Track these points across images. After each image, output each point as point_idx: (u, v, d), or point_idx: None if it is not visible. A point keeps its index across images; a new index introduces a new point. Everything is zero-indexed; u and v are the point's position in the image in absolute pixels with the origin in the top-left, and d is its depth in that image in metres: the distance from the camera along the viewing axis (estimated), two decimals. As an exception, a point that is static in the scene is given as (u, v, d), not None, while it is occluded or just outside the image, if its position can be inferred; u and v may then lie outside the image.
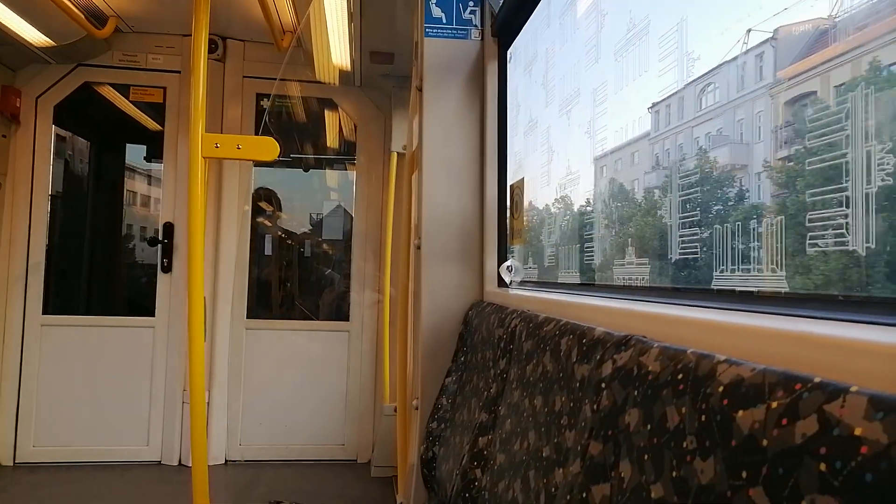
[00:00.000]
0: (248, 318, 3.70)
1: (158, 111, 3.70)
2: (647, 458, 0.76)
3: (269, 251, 4.10)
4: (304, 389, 3.74)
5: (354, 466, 3.68)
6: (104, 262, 4.33)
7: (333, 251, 4.23)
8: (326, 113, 4.07)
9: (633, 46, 1.47)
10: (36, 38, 3.11)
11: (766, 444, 0.57)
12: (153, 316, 3.60)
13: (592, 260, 1.80)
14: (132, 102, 3.76)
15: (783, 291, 0.97)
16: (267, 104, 3.70)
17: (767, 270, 1.02)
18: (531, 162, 2.24)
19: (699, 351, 0.74)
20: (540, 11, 1.98)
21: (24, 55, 3.32)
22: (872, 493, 0.45)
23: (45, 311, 3.54)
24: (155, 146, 3.87)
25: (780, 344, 0.70)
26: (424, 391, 2.09)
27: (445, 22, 2.15)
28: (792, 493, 0.52)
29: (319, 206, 4.35)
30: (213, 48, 3.55)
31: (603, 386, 0.92)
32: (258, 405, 3.69)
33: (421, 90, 2.16)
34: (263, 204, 4.07)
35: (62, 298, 4.00)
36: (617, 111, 1.61)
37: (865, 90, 0.82)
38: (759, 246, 1.05)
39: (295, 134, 4.15)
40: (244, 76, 3.70)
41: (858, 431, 0.48)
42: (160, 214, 3.65)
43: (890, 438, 0.45)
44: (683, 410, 0.70)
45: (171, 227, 3.60)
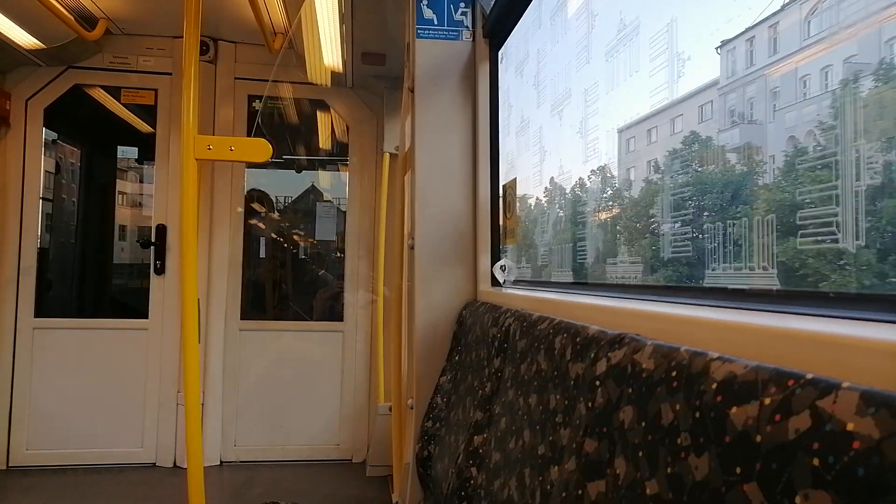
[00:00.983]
0: (241, 319, 3.69)
1: (150, 113, 3.67)
2: (641, 454, 0.76)
3: (262, 252, 4.09)
4: (298, 390, 3.74)
5: (350, 466, 3.67)
6: (96, 264, 4.30)
7: (327, 251, 4.22)
8: (319, 114, 4.05)
9: (623, 47, 1.47)
10: (25, 40, 3.09)
11: (759, 439, 0.57)
12: (146, 318, 3.59)
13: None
14: (123, 105, 3.74)
15: (775, 289, 0.98)
16: (259, 106, 3.69)
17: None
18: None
19: (692, 348, 0.75)
20: (531, 13, 1.99)
21: (13, 57, 3.29)
22: (864, 487, 0.46)
23: (37, 313, 3.51)
24: (147, 148, 3.85)
25: (772, 341, 0.71)
26: (419, 390, 2.10)
27: (437, 23, 2.15)
28: (785, 488, 0.53)
29: (312, 206, 4.33)
30: (204, 50, 3.53)
31: (597, 384, 0.93)
32: (253, 406, 3.68)
33: (413, 91, 2.16)
34: (256, 205, 4.06)
35: (54, 301, 3.97)
36: (609, 110, 1.61)
37: None
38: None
39: (287, 135, 4.14)
40: (236, 78, 3.68)
41: (850, 427, 0.48)
42: (153, 216, 3.63)
43: (881, 433, 0.46)
44: (677, 407, 0.71)
45: (163, 228, 3.59)
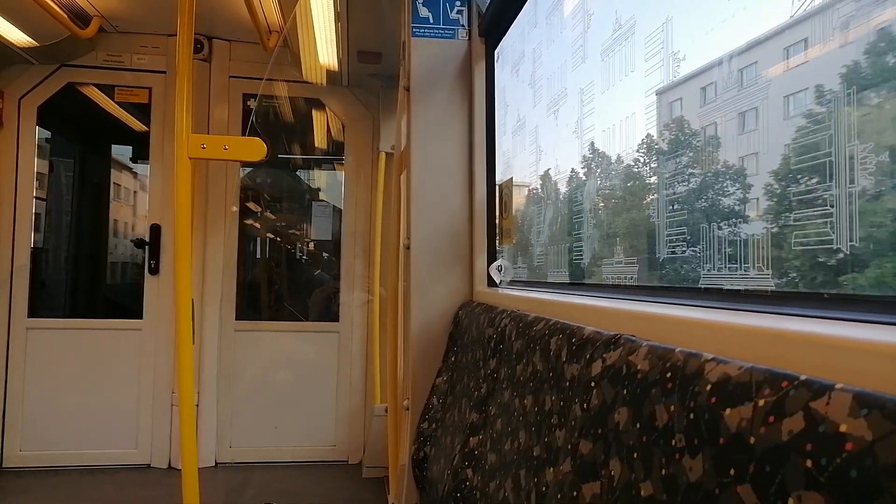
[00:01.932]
0: (237, 319, 3.68)
1: (144, 112, 3.66)
2: (636, 456, 0.76)
3: (257, 252, 4.08)
4: (294, 391, 3.73)
5: (346, 467, 3.67)
6: (90, 264, 4.29)
7: (322, 251, 4.21)
8: (314, 113, 4.04)
9: (619, 46, 1.47)
10: (18, 38, 3.07)
11: (753, 441, 0.57)
12: (141, 318, 3.57)
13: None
14: (117, 103, 3.72)
15: (769, 290, 0.98)
16: (254, 104, 3.67)
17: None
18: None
19: (687, 350, 0.75)
20: (526, 11, 1.99)
21: (6, 56, 3.28)
22: (857, 488, 0.46)
23: (30, 313, 3.50)
24: (141, 147, 3.83)
25: (766, 342, 0.71)
26: (415, 391, 2.09)
27: (433, 22, 2.14)
28: (779, 489, 0.53)
29: (307, 206, 4.33)
30: (198, 48, 3.52)
31: (592, 385, 0.93)
32: (248, 407, 3.67)
33: (409, 90, 2.15)
34: (251, 205, 4.05)
35: (48, 301, 3.95)
36: (604, 109, 1.61)
37: None
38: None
39: (282, 134, 4.13)
40: (230, 76, 3.67)
41: (843, 428, 0.48)
42: (147, 216, 3.62)
43: (874, 435, 0.46)
44: (672, 409, 0.71)
45: (157, 228, 3.57)
